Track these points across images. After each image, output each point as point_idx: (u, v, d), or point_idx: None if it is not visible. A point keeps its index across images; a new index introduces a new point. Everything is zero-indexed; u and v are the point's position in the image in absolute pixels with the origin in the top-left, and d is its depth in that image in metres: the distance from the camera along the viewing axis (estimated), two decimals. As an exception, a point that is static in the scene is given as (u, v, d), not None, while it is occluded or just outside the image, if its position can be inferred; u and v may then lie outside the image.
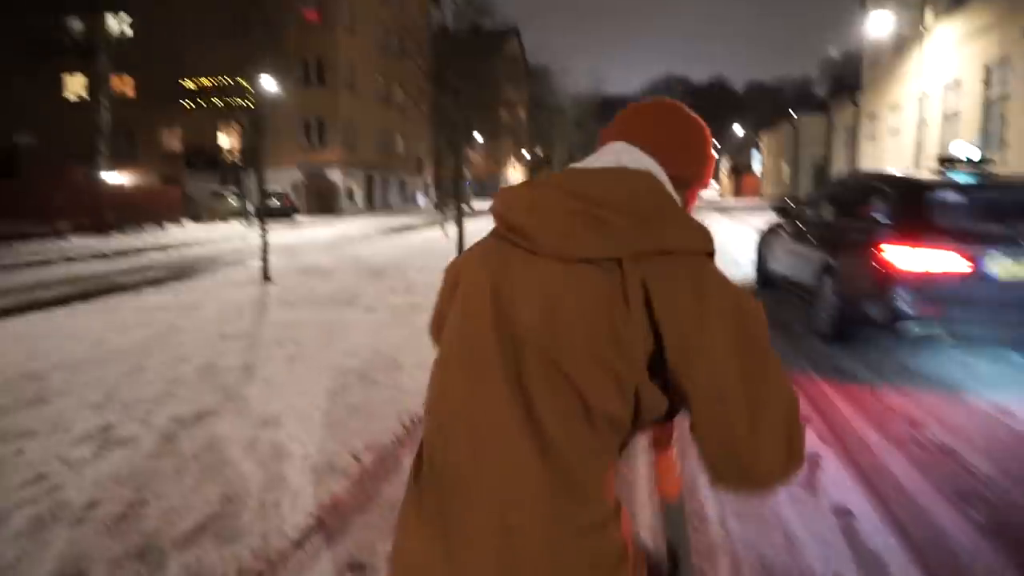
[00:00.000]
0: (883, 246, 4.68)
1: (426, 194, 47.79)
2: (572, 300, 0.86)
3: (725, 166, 71.81)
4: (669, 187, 0.95)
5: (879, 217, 5.08)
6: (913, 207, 4.82)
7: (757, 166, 52.33)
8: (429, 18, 29.89)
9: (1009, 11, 13.55)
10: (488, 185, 57.86)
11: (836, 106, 29.03)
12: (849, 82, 30.48)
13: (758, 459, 0.83)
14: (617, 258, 0.85)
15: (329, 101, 34.49)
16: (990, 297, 4.39)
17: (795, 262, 6.61)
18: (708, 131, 1.05)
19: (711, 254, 0.89)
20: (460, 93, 12.55)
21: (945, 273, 4.42)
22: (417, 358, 5.12)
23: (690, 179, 1.02)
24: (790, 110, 41.16)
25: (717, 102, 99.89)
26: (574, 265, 0.86)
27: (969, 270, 4.38)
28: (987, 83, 14.72)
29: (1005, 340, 4.82)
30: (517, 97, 52.54)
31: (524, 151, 52.33)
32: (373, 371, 4.83)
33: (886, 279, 4.58)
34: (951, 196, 4.79)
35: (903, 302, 4.49)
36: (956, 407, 4.05)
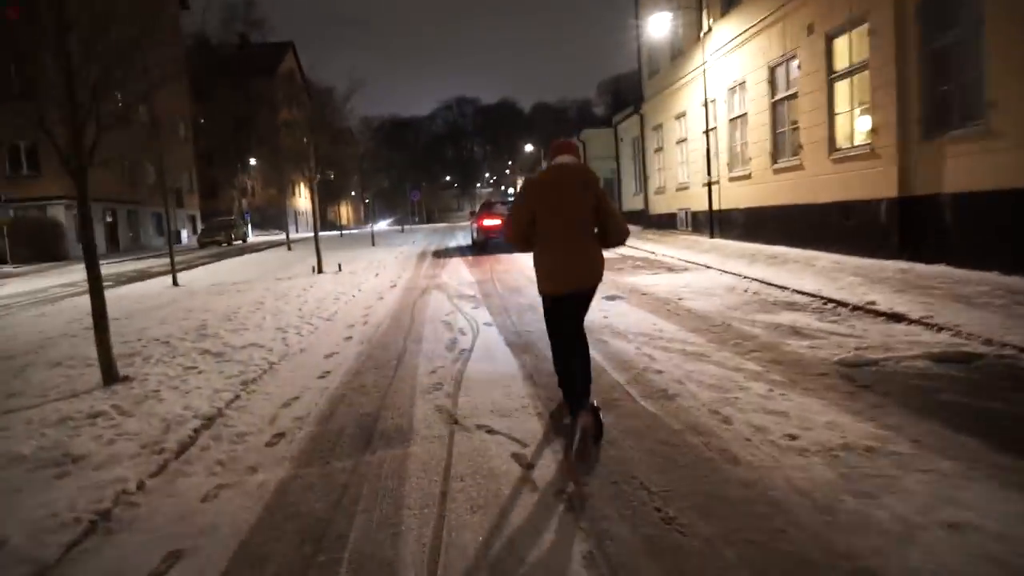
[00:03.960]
0: (482, 219, 20.84)
1: (193, 229, 41.33)
2: (582, 195, 4.04)
3: (519, 182, 72.47)
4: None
5: (479, 209, 24.07)
6: (485, 205, 23.49)
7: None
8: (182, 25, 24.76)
9: (791, 8, 12.91)
10: (270, 215, 51.82)
11: (622, 120, 28.94)
12: (627, 99, 30.83)
13: (623, 230, 4.20)
14: (585, 184, 4.12)
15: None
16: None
17: (470, 229, 24.29)
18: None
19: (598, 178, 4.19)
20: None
21: (494, 224, 19.73)
22: None
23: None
24: (576, 128, 41.35)
25: (506, 121, 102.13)
26: (576, 187, 4.05)
27: (499, 223, 19.05)
28: (772, 83, 14.15)
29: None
30: (300, 119, 47.16)
31: (311, 176, 47.55)
32: None
33: (482, 227, 20.35)
34: (497, 201, 24.75)
35: (483, 234, 20.29)
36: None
